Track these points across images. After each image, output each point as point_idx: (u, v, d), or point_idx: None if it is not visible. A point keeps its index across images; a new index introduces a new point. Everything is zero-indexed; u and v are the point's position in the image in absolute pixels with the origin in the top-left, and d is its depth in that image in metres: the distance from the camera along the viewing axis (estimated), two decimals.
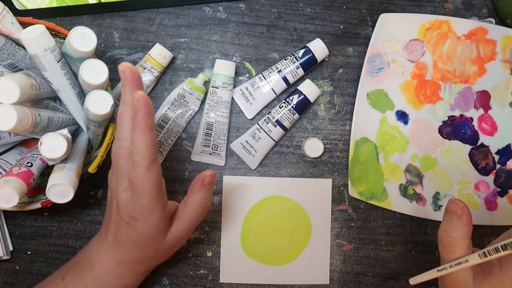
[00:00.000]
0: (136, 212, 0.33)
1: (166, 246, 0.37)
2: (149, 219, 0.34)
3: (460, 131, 0.49)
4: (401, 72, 0.48)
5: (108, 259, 0.37)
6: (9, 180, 0.32)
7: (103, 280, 0.37)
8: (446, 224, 0.35)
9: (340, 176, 0.49)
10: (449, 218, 0.35)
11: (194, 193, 0.37)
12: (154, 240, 0.36)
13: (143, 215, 0.33)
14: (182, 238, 0.38)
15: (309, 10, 0.49)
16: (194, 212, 0.37)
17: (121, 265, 0.37)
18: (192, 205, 0.36)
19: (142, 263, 0.38)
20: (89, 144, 0.41)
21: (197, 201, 0.36)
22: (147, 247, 0.36)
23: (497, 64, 0.48)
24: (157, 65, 0.44)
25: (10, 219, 0.46)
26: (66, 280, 0.38)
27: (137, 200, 0.33)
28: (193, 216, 0.37)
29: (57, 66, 0.34)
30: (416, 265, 0.48)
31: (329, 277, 0.48)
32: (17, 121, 0.30)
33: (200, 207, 0.37)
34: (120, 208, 0.34)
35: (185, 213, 0.37)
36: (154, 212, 0.33)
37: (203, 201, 0.37)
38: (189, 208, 0.37)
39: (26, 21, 0.36)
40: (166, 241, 0.36)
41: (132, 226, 0.34)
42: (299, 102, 0.45)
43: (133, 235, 0.35)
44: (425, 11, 0.50)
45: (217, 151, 0.46)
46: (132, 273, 0.38)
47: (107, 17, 0.47)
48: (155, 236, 0.35)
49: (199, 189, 0.36)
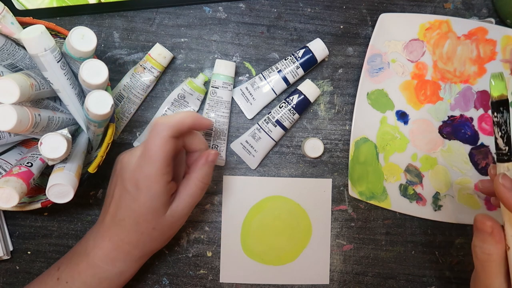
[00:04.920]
0: (141, 181, 0.35)
1: (165, 223, 0.37)
2: (152, 189, 0.35)
3: (460, 131, 0.49)
4: (401, 72, 0.48)
5: (104, 243, 0.37)
6: (9, 180, 0.32)
7: (97, 267, 0.37)
8: (479, 241, 0.33)
9: (340, 176, 0.49)
10: (481, 235, 0.33)
11: (198, 168, 0.38)
12: (153, 214, 0.36)
13: (147, 184, 0.35)
14: (182, 216, 0.38)
15: (309, 10, 0.49)
16: (196, 187, 0.38)
17: (116, 248, 0.37)
18: (195, 180, 0.38)
19: (138, 246, 0.38)
20: (89, 144, 0.41)
21: (199, 176, 0.38)
22: (146, 222, 0.36)
23: (497, 64, 0.48)
24: (157, 65, 0.44)
25: (10, 219, 0.46)
26: (61, 270, 0.38)
27: (145, 168, 0.34)
28: (195, 191, 0.38)
29: (57, 66, 0.34)
30: (416, 265, 0.48)
31: (329, 277, 0.48)
32: (17, 121, 0.30)
33: (202, 182, 0.38)
34: (126, 175, 0.35)
35: (187, 188, 0.38)
36: (158, 184, 0.35)
37: (205, 177, 0.38)
38: (192, 183, 0.38)
39: (26, 21, 0.36)
40: (166, 217, 0.37)
41: (134, 196, 0.35)
42: (299, 102, 0.45)
43: (133, 206, 0.35)
44: (425, 11, 0.50)
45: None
46: (126, 257, 0.38)
47: (107, 17, 0.47)
48: (155, 208, 0.36)
49: (203, 164, 0.38)
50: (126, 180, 0.36)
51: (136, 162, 0.35)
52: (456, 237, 0.49)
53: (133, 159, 0.36)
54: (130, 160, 0.36)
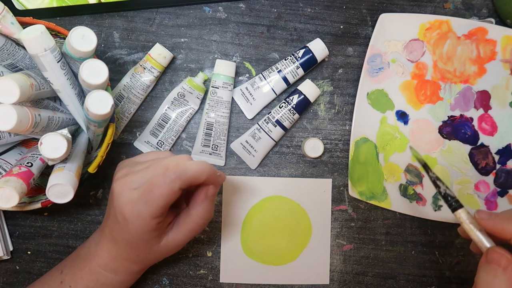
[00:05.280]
0: (131, 217, 0.33)
1: (160, 250, 0.36)
2: (142, 228, 0.33)
3: (460, 131, 0.49)
4: (401, 72, 0.48)
5: (104, 253, 0.37)
6: (9, 180, 0.32)
7: (99, 273, 0.37)
8: (488, 276, 0.30)
9: (340, 176, 0.49)
10: (492, 270, 0.30)
11: (197, 204, 0.36)
12: (146, 244, 0.35)
13: (137, 222, 0.33)
14: (179, 246, 0.37)
15: (309, 10, 0.49)
16: (196, 224, 0.36)
17: (115, 261, 0.37)
18: (195, 216, 0.36)
19: (136, 262, 0.38)
20: (89, 144, 0.41)
21: (199, 213, 0.36)
22: (139, 249, 0.36)
23: (497, 64, 0.48)
24: (157, 65, 0.44)
25: (10, 219, 0.46)
26: (64, 273, 0.38)
27: (140, 207, 0.32)
28: (194, 227, 0.36)
29: (57, 66, 0.34)
30: (416, 265, 0.48)
31: (329, 277, 0.48)
32: (17, 121, 0.30)
33: (203, 219, 0.36)
34: (116, 206, 0.34)
35: (186, 223, 0.36)
36: (148, 225, 0.33)
37: (205, 213, 0.36)
38: (191, 219, 0.36)
39: (26, 21, 0.36)
40: (161, 246, 0.36)
41: (123, 227, 0.34)
42: (299, 102, 0.45)
43: (125, 235, 0.35)
44: (425, 11, 0.50)
45: (217, 151, 0.46)
46: (126, 270, 0.38)
47: (107, 17, 0.47)
48: (147, 241, 0.35)
49: (202, 200, 0.36)
50: (116, 211, 0.34)
51: (133, 197, 0.33)
52: (456, 237, 0.49)
53: (127, 193, 0.33)
54: (123, 192, 0.33)
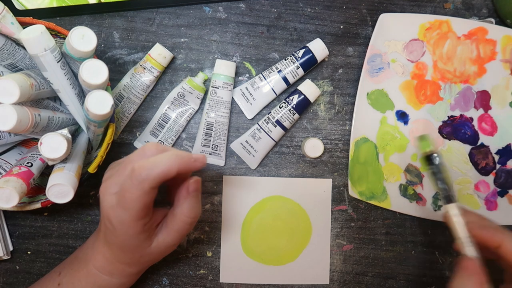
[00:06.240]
0: (116, 223, 0.33)
1: (152, 252, 0.36)
2: (128, 233, 0.33)
3: (460, 131, 0.49)
4: (401, 72, 0.48)
5: (100, 256, 0.37)
6: (9, 180, 0.32)
7: (96, 276, 0.37)
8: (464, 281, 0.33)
9: (340, 176, 0.49)
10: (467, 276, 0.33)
11: (180, 203, 0.35)
12: (137, 247, 0.35)
13: (122, 228, 0.33)
14: (170, 247, 0.37)
15: (309, 10, 0.49)
16: (183, 223, 0.35)
17: (111, 264, 0.37)
18: (179, 215, 0.35)
19: (130, 265, 0.37)
20: (89, 144, 0.41)
21: (184, 211, 0.34)
22: (131, 252, 0.35)
23: (497, 64, 0.48)
24: (157, 65, 0.44)
25: (10, 219, 0.46)
26: (62, 275, 0.38)
27: (120, 214, 0.32)
28: (181, 226, 0.35)
29: (57, 66, 0.34)
30: (416, 265, 0.48)
31: (329, 277, 0.48)
32: (17, 121, 0.30)
33: (189, 217, 0.35)
34: (102, 211, 0.33)
35: (173, 224, 0.35)
36: (133, 228, 0.33)
37: (191, 211, 0.35)
38: (176, 219, 0.35)
39: (26, 21, 0.36)
40: (152, 248, 0.35)
41: (112, 232, 0.34)
42: (299, 102, 0.45)
43: (115, 239, 0.34)
44: (425, 11, 0.50)
45: (217, 151, 0.46)
46: (122, 273, 0.37)
47: (107, 17, 0.47)
48: (137, 244, 0.34)
49: (184, 198, 0.34)
50: (104, 215, 0.34)
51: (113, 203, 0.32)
52: None
53: (108, 198, 0.33)
54: (105, 197, 0.33)
